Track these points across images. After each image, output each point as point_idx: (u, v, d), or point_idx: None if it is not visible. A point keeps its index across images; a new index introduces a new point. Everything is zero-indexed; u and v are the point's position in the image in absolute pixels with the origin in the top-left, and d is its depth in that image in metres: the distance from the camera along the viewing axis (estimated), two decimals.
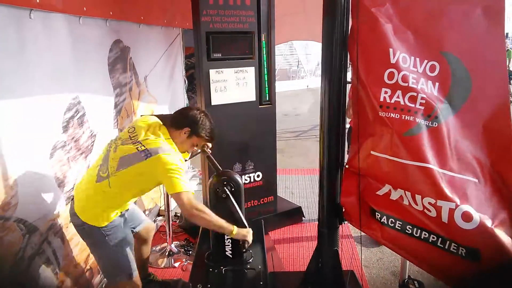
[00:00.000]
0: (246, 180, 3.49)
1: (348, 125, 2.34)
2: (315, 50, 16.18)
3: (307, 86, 16.02)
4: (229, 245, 2.14)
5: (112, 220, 1.97)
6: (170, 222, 3.12)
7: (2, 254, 1.76)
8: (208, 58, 3.04)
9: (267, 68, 3.38)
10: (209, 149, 2.31)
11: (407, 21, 1.59)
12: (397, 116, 1.60)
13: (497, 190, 1.45)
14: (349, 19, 1.77)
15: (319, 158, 1.99)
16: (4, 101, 1.77)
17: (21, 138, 1.89)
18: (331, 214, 2.02)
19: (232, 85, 3.21)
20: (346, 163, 1.93)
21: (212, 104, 3.13)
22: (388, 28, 1.59)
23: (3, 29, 1.75)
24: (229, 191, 2.05)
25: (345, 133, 2.03)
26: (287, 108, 10.55)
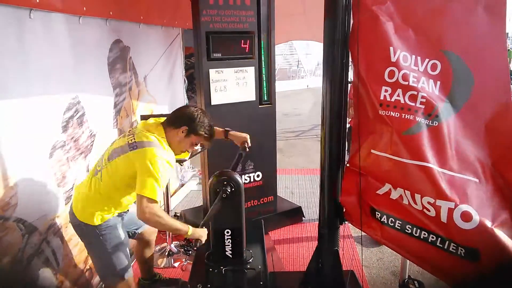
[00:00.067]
0: (246, 180, 3.48)
1: (348, 125, 2.33)
2: (315, 50, 16.20)
3: (307, 86, 16.03)
4: (229, 245, 2.13)
5: (107, 220, 1.96)
6: None
7: (2, 254, 1.76)
8: (208, 58, 3.04)
9: (267, 68, 3.38)
10: (248, 147, 2.34)
11: (408, 19, 1.58)
12: (397, 115, 1.60)
13: (499, 190, 1.44)
14: (350, 19, 1.76)
15: (320, 158, 1.98)
16: (4, 101, 1.77)
17: (21, 138, 1.89)
18: (332, 214, 2.02)
19: (232, 85, 3.21)
20: (347, 162, 1.92)
21: (212, 104, 3.13)
22: (389, 26, 1.59)
23: (3, 29, 1.75)
24: (229, 192, 2.04)
25: (346, 134, 2.03)
26: (287, 108, 10.55)
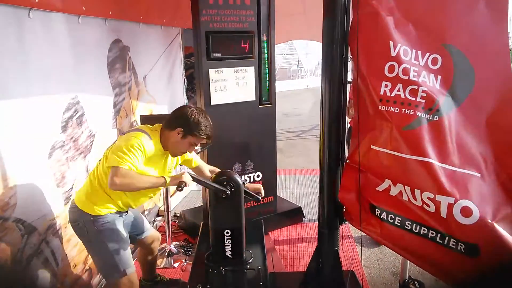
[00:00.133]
0: (246, 180, 3.48)
1: (348, 125, 2.33)
2: (315, 50, 16.19)
3: (307, 86, 16.04)
4: (229, 246, 2.13)
5: (105, 215, 1.96)
6: (170, 223, 3.12)
7: (1, 254, 1.75)
8: (208, 58, 3.03)
9: (267, 68, 3.38)
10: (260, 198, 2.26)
11: (409, 14, 1.57)
12: (397, 110, 1.59)
13: (501, 185, 1.42)
14: (349, 19, 1.76)
15: (320, 158, 1.98)
16: (3, 101, 1.76)
17: (20, 138, 1.88)
18: (332, 214, 2.02)
19: (232, 85, 3.20)
20: (347, 158, 1.91)
21: (212, 104, 3.12)
22: (389, 21, 1.57)
23: (3, 29, 1.75)
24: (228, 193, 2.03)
25: (345, 133, 2.02)
26: (287, 108, 10.54)
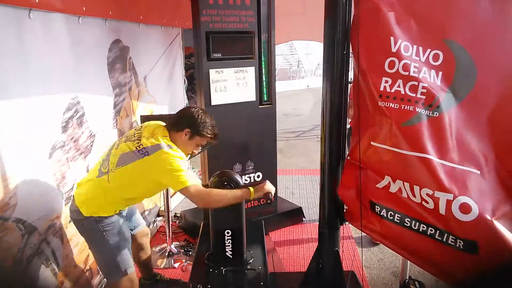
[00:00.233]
0: (246, 181, 3.48)
1: (349, 126, 2.33)
2: (316, 50, 16.21)
3: (308, 86, 16.03)
4: (230, 246, 2.13)
5: (111, 216, 1.97)
6: (170, 223, 3.12)
7: (2, 254, 1.75)
8: (208, 58, 3.03)
9: (267, 68, 3.38)
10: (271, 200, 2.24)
11: (410, 9, 1.55)
12: (396, 106, 1.58)
13: (501, 182, 1.41)
14: (351, 19, 1.76)
15: (320, 159, 1.98)
16: (3, 101, 1.76)
17: (20, 138, 1.88)
18: (332, 215, 2.02)
19: (232, 85, 3.20)
20: (348, 155, 1.91)
21: (212, 104, 3.12)
22: (390, 16, 1.56)
23: (3, 29, 1.75)
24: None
25: (346, 134, 2.02)
26: (288, 108, 10.55)
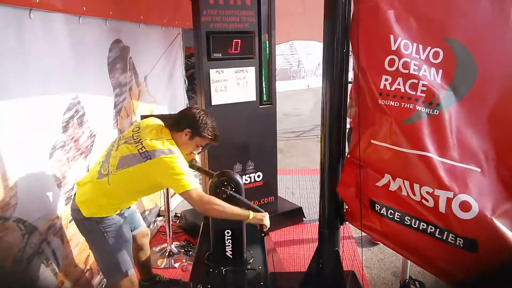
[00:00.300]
0: (247, 181, 3.48)
1: (349, 126, 2.33)
2: (316, 50, 16.21)
3: (308, 86, 16.03)
4: (230, 246, 2.13)
5: (112, 217, 1.97)
6: (170, 223, 3.12)
7: (2, 254, 1.75)
8: (208, 58, 3.04)
9: (268, 68, 3.38)
10: (197, 163, 2.31)
11: (410, 7, 1.55)
12: (396, 104, 1.57)
13: (503, 180, 1.41)
14: (350, 18, 1.76)
15: (320, 159, 1.98)
16: (4, 101, 1.77)
17: (21, 138, 1.88)
18: (332, 215, 2.02)
19: (233, 85, 3.21)
20: (348, 153, 1.91)
21: (213, 104, 3.13)
22: (390, 14, 1.56)
23: (3, 29, 1.75)
24: (229, 191, 2.04)
25: (346, 134, 2.02)
26: (288, 108, 10.55)
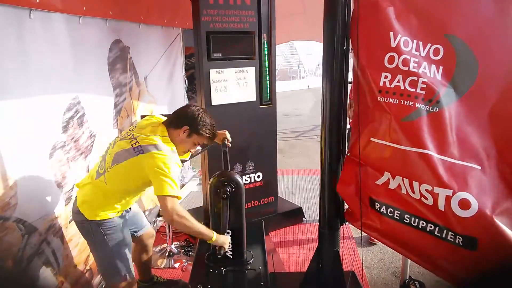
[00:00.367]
0: (247, 181, 3.48)
1: (349, 126, 2.33)
2: (316, 50, 16.20)
3: (308, 86, 16.03)
4: (230, 246, 2.13)
5: (112, 219, 1.96)
6: None
7: (2, 254, 1.75)
8: (209, 58, 3.03)
9: (268, 68, 3.38)
10: (229, 143, 2.29)
11: (410, 4, 1.54)
12: (396, 102, 1.57)
13: (503, 178, 1.40)
14: (350, 17, 1.76)
15: (321, 159, 1.98)
16: (4, 101, 1.77)
17: (21, 138, 1.88)
18: (332, 215, 2.02)
19: (233, 85, 3.21)
20: (348, 151, 1.91)
21: (213, 104, 3.12)
22: (390, 11, 1.56)
23: (3, 29, 1.75)
24: (229, 193, 2.03)
25: (346, 134, 2.02)
26: (288, 108, 10.55)
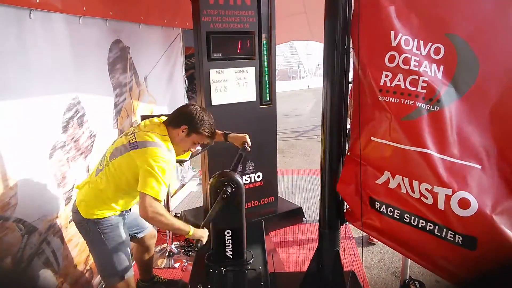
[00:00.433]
0: (247, 181, 3.48)
1: (349, 126, 2.32)
2: (316, 50, 16.21)
3: (308, 86, 16.03)
4: (230, 246, 2.13)
5: (109, 218, 1.96)
6: None
7: (2, 254, 1.75)
8: (209, 58, 3.04)
9: (268, 68, 3.38)
10: (249, 147, 2.32)
11: (411, 3, 1.54)
12: (396, 101, 1.57)
13: (504, 178, 1.39)
14: (351, 17, 1.75)
15: (321, 159, 1.98)
16: (4, 101, 1.77)
17: (21, 138, 1.88)
18: (332, 215, 2.02)
19: (233, 85, 3.21)
20: (348, 150, 1.90)
21: (213, 104, 3.13)
22: (391, 10, 1.55)
23: (3, 29, 1.75)
24: (229, 193, 2.02)
25: (346, 134, 2.02)
26: (288, 108, 10.55)
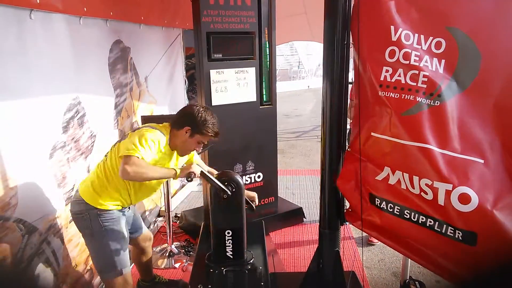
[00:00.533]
0: (247, 181, 3.48)
1: (349, 127, 2.33)
2: (316, 50, 16.19)
3: (308, 87, 16.02)
4: (230, 246, 2.13)
5: (111, 211, 1.97)
6: (171, 223, 3.12)
7: (2, 254, 1.75)
8: (209, 59, 3.04)
9: (268, 69, 3.38)
10: (255, 205, 2.19)
11: None
12: (397, 96, 1.57)
13: (507, 172, 1.38)
14: (350, 18, 1.76)
15: (321, 159, 1.98)
16: (4, 101, 1.77)
17: (21, 138, 1.88)
18: (333, 215, 2.02)
19: (233, 86, 3.21)
20: (348, 146, 1.90)
21: (213, 105, 3.12)
22: (391, 5, 1.55)
23: (4, 29, 1.75)
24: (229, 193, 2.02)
25: (346, 134, 2.02)
26: (288, 109, 10.55)
